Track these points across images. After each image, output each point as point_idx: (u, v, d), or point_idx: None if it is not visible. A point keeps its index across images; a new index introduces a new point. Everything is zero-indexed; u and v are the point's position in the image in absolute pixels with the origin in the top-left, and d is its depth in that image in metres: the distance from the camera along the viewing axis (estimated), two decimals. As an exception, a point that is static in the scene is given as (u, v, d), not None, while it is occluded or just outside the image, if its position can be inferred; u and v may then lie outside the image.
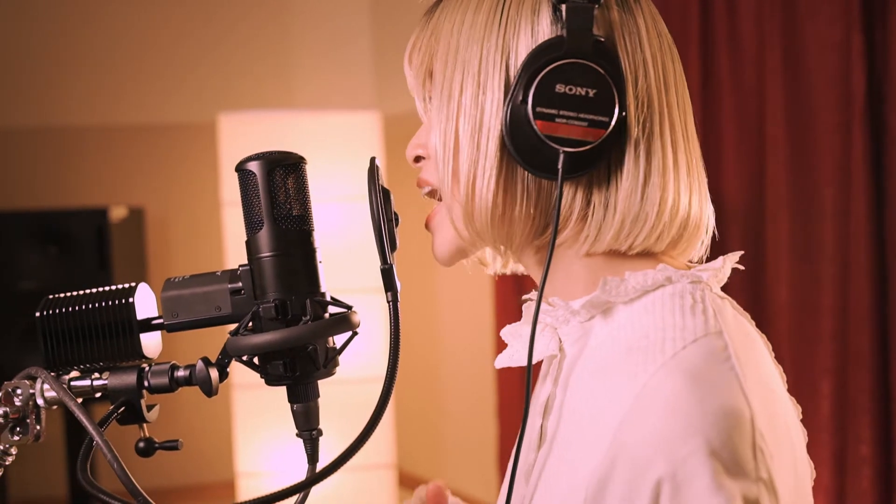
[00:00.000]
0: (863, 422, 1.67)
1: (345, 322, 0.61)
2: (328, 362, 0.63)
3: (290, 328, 0.59)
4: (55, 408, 0.67)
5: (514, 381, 2.71)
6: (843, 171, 1.70)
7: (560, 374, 0.63)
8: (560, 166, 0.56)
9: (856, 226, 1.67)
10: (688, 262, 0.64)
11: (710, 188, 0.65)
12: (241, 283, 0.62)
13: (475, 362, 2.99)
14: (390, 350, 0.60)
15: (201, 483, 3.03)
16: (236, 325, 0.62)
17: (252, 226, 0.62)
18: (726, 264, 0.62)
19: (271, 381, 0.62)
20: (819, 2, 1.72)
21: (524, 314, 0.68)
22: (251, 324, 0.61)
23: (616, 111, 0.56)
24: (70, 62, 3.11)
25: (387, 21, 3.31)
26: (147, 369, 0.64)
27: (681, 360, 0.53)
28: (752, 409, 0.52)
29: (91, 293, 0.65)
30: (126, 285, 0.65)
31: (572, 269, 0.62)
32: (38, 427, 0.67)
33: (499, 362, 0.67)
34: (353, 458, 0.60)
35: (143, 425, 0.66)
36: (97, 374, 0.66)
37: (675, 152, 0.59)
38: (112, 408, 0.63)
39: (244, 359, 0.62)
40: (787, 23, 1.78)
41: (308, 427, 0.64)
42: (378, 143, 2.61)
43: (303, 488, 0.57)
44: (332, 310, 0.63)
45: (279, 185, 0.62)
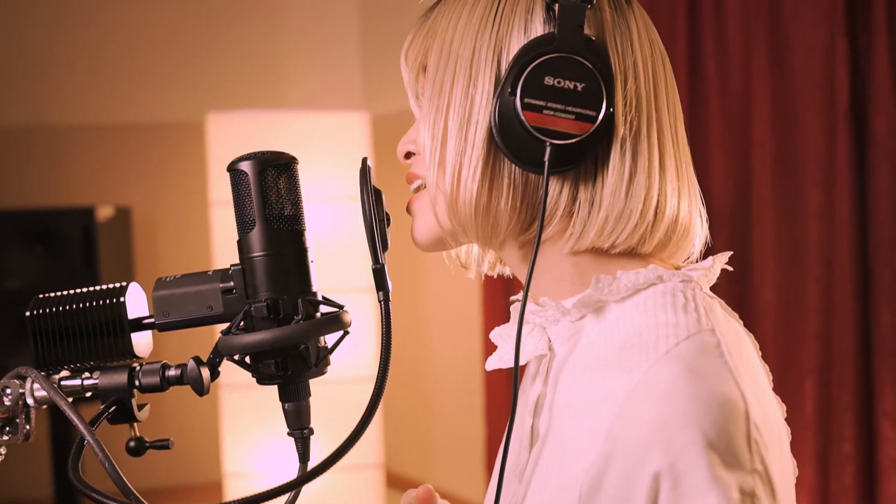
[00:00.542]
0: (846, 420, 1.69)
1: (336, 321, 0.62)
2: (320, 361, 0.63)
3: (281, 327, 0.60)
4: (45, 407, 0.67)
5: (502, 381, 2.72)
6: (828, 173, 1.72)
7: (550, 373, 0.63)
8: (546, 159, 0.56)
9: (840, 227, 1.69)
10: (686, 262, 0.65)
11: (696, 188, 0.65)
12: (232, 283, 0.62)
13: (463, 363, 3.00)
14: (382, 349, 0.60)
15: (188, 484, 3.01)
16: (227, 324, 0.63)
17: (244, 225, 0.63)
18: (716, 264, 0.62)
19: (263, 380, 0.63)
20: (804, 5, 1.74)
21: (512, 315, 0.69)
22: (243, 323, 0.62)
23: (604, 106, 0.57)
24: (58, 61, 3.09)
25: (376, 22, 3.31)
26: (138, 369, 0.64)
27: (675, 355, 0.54)
28: (747, 402, 0.53)
29: (82, 292, 0.65)
30: (117, 284, 0.65)
31: (560, 267, 0.62)
32: (28, 427, 0.67)
33: (489, 364, 0.67)
34: (345, 459, 0.61)
35: (134, 425, 0.66)
36: (87, 374, 0.66)
37: (662, 154, 0.60)
38: (103, 407, 0.63)
39: (236, 358, 0.62)
40: (773, 25, 1.80)
41: (299, 426, 0.64)
42: (367, 143, 2.61)
43: (294, 487, 0.58)
44: (324, 309, 0.63)
45: (271, 184, 0.62)
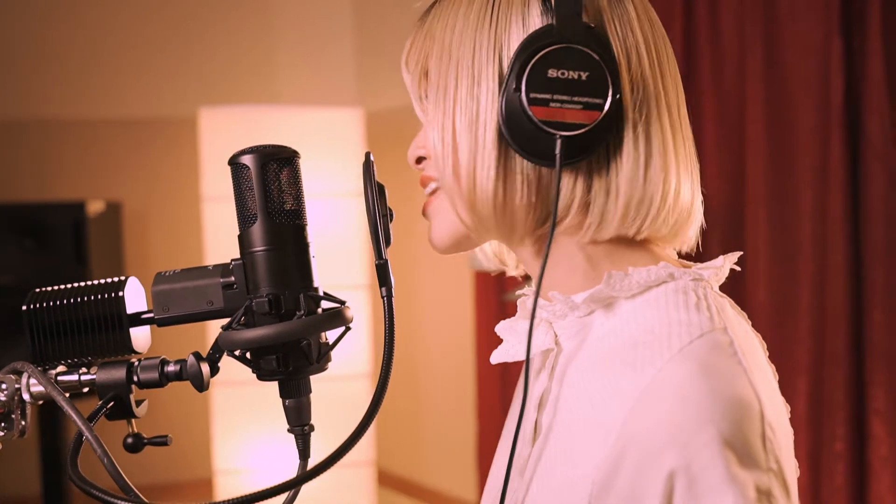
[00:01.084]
0: (838, 419, 1.70)
1: (339, 317, 0.61)
2: (321, 357, 0.63)
3: (283, 323, 0.59)
4: (41, 403, 0.66)
5: (494, 379, 2.72)
6: (821, 173, 1.73)
7: (556, 368, 0.62)
8: (557, 151, 0.56)
9: (833, 227, 1.70)
10: (684, 250, 0.64)
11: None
12: (233, 278, 0.62)
13: (455, 360, 3.00)
14: (385, 345, 0.60)
15: (179, 481, 3.00)
16: (227, 319, 0.62)
17: (245, 220, 0.62)
18: (726, 264, 0.62)
19: (264, 376, 0.62)
20: (800, 6, 1.74)
21: (519, 309, 0.68)
22: (243, 318, 0.61)
23: (610, 92, 0.56)
24: (49, 55, 3.06)
25: (370, 18, 3.29)
26: (136, 364, 0.63)
27: (689, 353, 0.53)
28: (761, 401, 0.53)
29: (80, 286, 0.64)
30: (115, 279, 0.64)
31: (573, 260, 0.62)
32: (24, 422, 0.66)
33: (494, 357, 0.67)
34: (343, 456, 0.60)
35: (132, 421, 0.65)
36: (84, 369, 0.65)
37: (673, 135, 0.59)
38: (101, 403, 0.62)
39: (237, 353, 0.61)
40: (769, 26, 1.80)
41: (300, 422, 0.64)
42: (360, 139, 2.60)
43: (297, 484, 0.57)
44: (325, 305, 0.63)
45: (273, 178, 0.61)
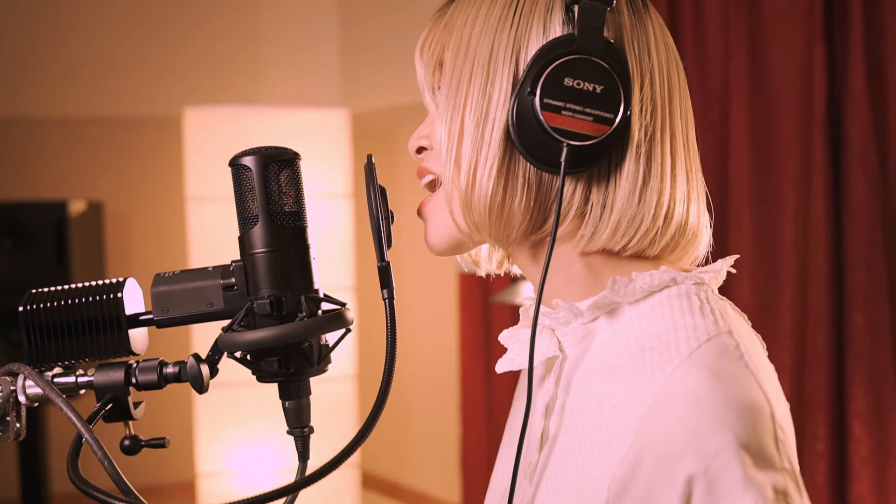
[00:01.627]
0: (819, 420, 1.72)
1: (340, 319, 0.61)
2: (321, 359, 0.63)
3: (285, 324, 0.59)
4: (36, 405, 0.65)
5: (478, 382, 2.73)
6: (804, 176, 1.75)
7: (561, 375, 0.63)
8: (563, 159, 0.57)
9: (815, 229, 1.72)
10: (689, 266, 0.65)
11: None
12: (234, 279, 0.62)
13: (439, 364, 3.00)
14: (387, 348, 0.60)
15: (162, 483, 2.97)
16: (227, 320, 0.62)
17: (246, 221, 0.62)
18: (724, 267, 0.63)
19: (264, 377, 0.62)
20: (783, 12, 1.77)
21: (522, 317, 0.68)
22: (244, 320, 0.61)
23: (621, 109, 0.57)
24: (32, 53, 3.02)
25: (355, 20, 3.29)
26: (134, 366, 0.63)
27: (698, 358, 0.54)
28: (771, 403, 0.54)
29: (78, 288, 0.63)
30: (114, 280, 0.64)
31: (572, 268, 0.62)
32: (18, 425, 0.65)
33: (500, 366, 0.67)
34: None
35: (129, 423, 0.65)
36: (81, 371, 0.64)
37: (674, 160, 0.60)
38: (100, 405, 0.62)
39: (237, 355, 0.61)
40: (753, 31, 1.83)
41: (300, 424, 0.64)
42: (346, 140, 2.60)
43: (300, 487, 0.57)
44: (325, 306, 0.63)
45: (274, 180, 0.61)
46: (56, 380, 0.64)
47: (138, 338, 0.65)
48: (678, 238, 0.61)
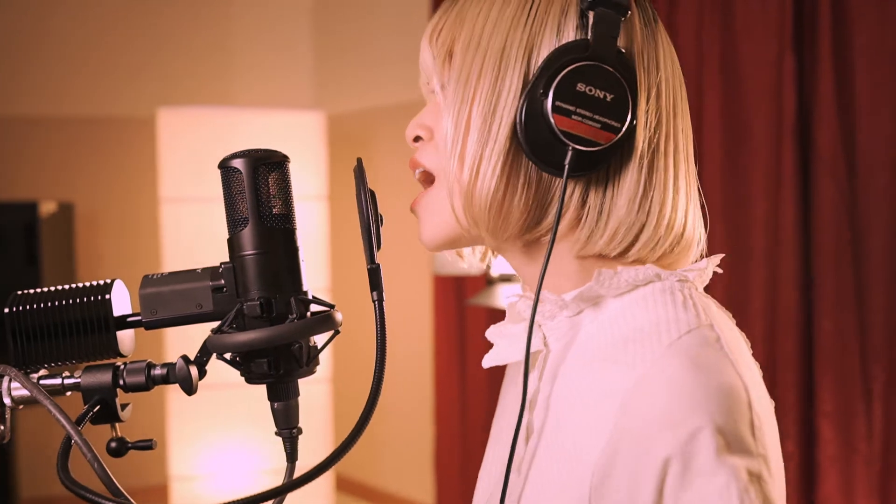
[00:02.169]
0: (788, 420, 1.76)
1: (329, 321, 0.62)
2: (310, 360, 0.63)
3: (276, 326, 0.59)
4: (21, 407, 0.65)
5: (453, 385, 2.74)
6: (774, 183, 1.79)
7: (545, 368, 0.64)
8: (567, 162, 0.58)
9: (785, 235, 1.76)
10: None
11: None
12: (223, 281, 0.62)
13: (413, 366, 3.00)
14: (377, 349, 0.60)
15: (134, 487, 2.92)
16: (216, 322, 0.62)
17: (235, 223, 0.62)
18: (709, 266, 0.64)
19: (253, 379, 0.62)
20: (755, 22, 1.81)
21: (508, 313, 0.69)
22: (233, 322, 0.61)
23: (628, 119, 0.58)
24: (3, 53, 2.97)
25: (328, 23, 3.28)
26: (122, 367, 0.63)
27: (678, 348, 0.55)
28: (748, 390, 0.55)
29: (64, 289, 0.63)
30: (102, 282, 0.64)
31: (563, 266, 0.63)
32: (2, 427, 0.65)
33: (486, 361, 0.68)
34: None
35: (116, 425, 0.65)
36: (68, 373, 0.64)
37: (676, 172, 0.62)
38: (87, 406, 0.62)
39: (227, 356, 0.61)
40: (725, 40, 1.86)
41: (288, 426, 0.64)
42: (321, 142, 2.59)
43: (292, 488, 0.57)
44: (314, 308, 0.63)
45: (264, 182, 0.62)
46: (42, 382, 0.63)
47: (125, 339, 0.64)
48: (673, 246, 0.62)
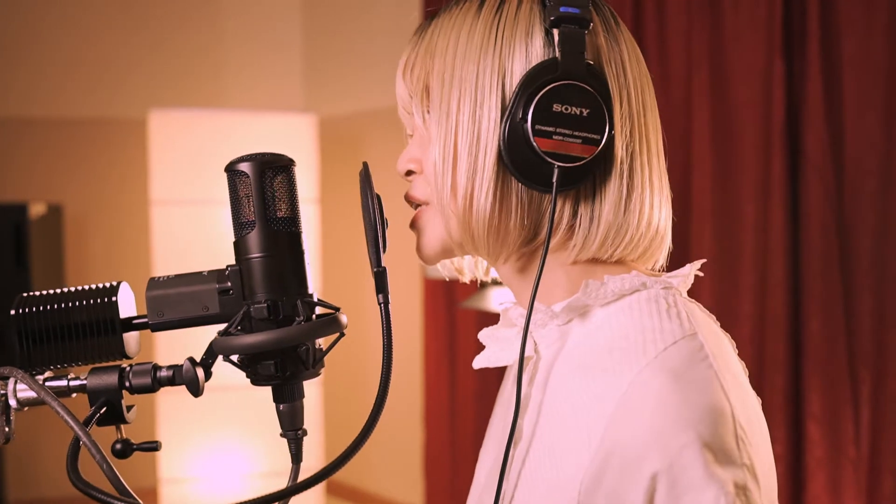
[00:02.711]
0: (777, 422, 1.78)
1: (335, 323, 0.62)
2: (316, 363, 0.64)
3: (283, 328, 0.60)
4: (26, 409, 0.65)
5: (442, 389, 2.74)
6: (763, 188, 1.81)
7: (536, 375, 0.65)
8: (555, 180, 0.59)
9: (774, 239, 1.78)
10: (656, 269, 0.68)
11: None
12: (229, 283, 0.62)
13: (403, 369, 3.00)
14: (384, 351, 0.61)
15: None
16: (222, 324, 0.62)
17: (241, 226, 0.62)
18: (692, 271, 0.66)
19: (259, 380, 0.62)
20: (744, 28, 1.83)
21: (502, 318, 0.71)
22: (240, 324, 0.61)
23: (606, 130, 0.60)
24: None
25: (320, 25, 3.29)
26: (128, 369, 0.63)
27: (663, 361, 0.57)
28: (732, 404, 0.56)
29: (71, 292, 0.63)
30: (108, 284, 0.64)
31: (553, 276, 0.65)
32: (8, 429, 0.65)
33: (477, 363, 0.69)
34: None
35: (121, 426, 0.65)
36: (73, 375, 0.64)
37: (650, 170, 0.64)
38: (94, 408, 0.62)
39: (233, 358, 0.62)
40: (714, 46, 1.88)
41: (293, 427, 0.65)
42: (313, 145, 2.59)
43: (301, 489, 0.58)
44: (318, 311, 0.64)
45: (270, 186, 0.62)
46: (47, 383, 0.64)
47: (131, 341, 0.65)
48: (652, 242, 0.64)
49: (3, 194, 2.84)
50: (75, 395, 0.64)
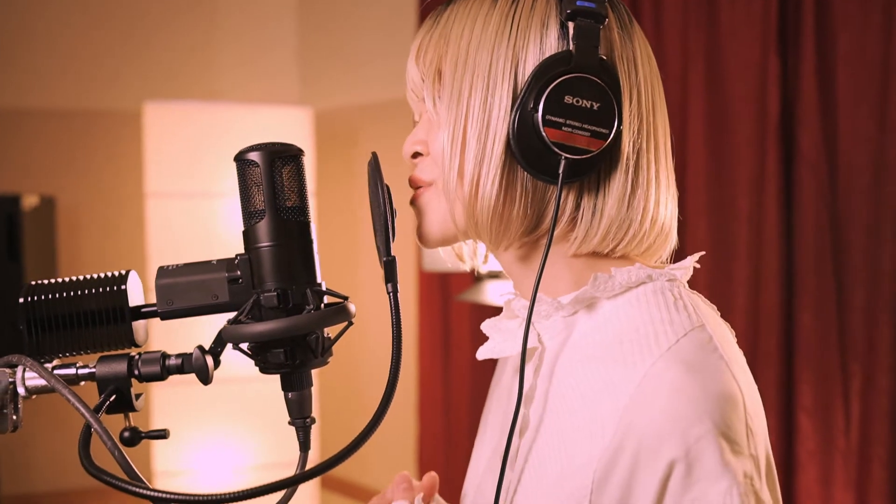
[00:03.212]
0: (768, 415, 1.80)
1: (344, 312, 0.63)
2: (325, 351, 0.64)
3: (293, 317, 0.60)
4: (34, 397, 0.65)
5: (436, 382, 2.75)
6: (758, 183, 1.83)
7: (541, 365, 0.66)
8: (560, 171, 0.60)
9: (768, 233, 1.80)
10: (657, 262, 0.69)
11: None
12: (238, 272, 0.63)
13: (397, 360, 3.00)
14: (394, 340, 0.61)
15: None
16: (231, 313, 0.63)
17: (251, 215, 0.63)
18: (692, 263, 0.67)
19: (269, 369, 0.63)
20: (740, 25, 1.84)
21: (505, 309, 0.71)
22: (250, 312, 0.62)
23: (615, 125, 0.61)
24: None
25: (316, 17, 3.28)
26: (136, 357, 0.64)
27: (676, 352, 0.58)
28: (743, 393, 0.58)
29: (80, 280, 0.64)
30: (117, 272, 0.64)
31: (556, 267, 0.66)
32: (15, 417, 0.65)
33: (480, 353, 0.70)
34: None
35: (129, 414, 0.65)
36: (81, 363, 0.65)
37: (657, 167, 0.65)
38: (104, 396, 0.62)
39: (242, 347, 0.62)
40: (710, 42, 1.90)
41: (301, 415, 0.65)
42: (309, 138, 2.59)
43: (311, 476, 0.58)
44: (327, 300, 0.64)
45: (279, 175, 0.63)
46: (56, 372, 0.64)
47: (139, 330, 0.65)
48: (657, 238, 0.65)
49: (-3, 186, 2.83)
50: (83, 383, 0.65)
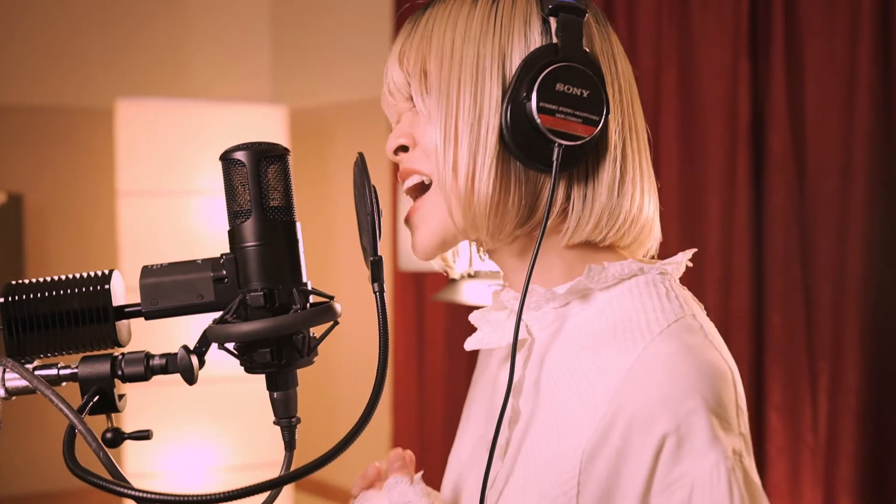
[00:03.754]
0: (739, 413, 1.83)
1: (330, 311, 0.63)
2: (310, 351, 0.64)
3: (279, 317, 0.60)
4: (13, 398, 0.65)
5: (411, 381, 2.75)
6: (728, 184, 1.86)
7: (530, 356, 0.67)
8: (555, 158, 0.61)
9: (738, 234, 1.83)
10: (647, 257, 0.71)
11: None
12: (224, 272, 0.62)
13: (371, 360, 3.00)
14: (380, 339, 0.62)
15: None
16: (215, 313, 0.63)
17: (236, 215, 0.63)
18: (683, 259, 0.69)
19: (255, 368, 0.63)
20: (712, 28, 1.87)
21: (493, 300, 0.72)
22: (236, 312, 0.62)
23: (605, 111, 0.62)
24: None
25: (290, 16, 3.26)
26: (120, 358, 0.63)
27: (668, 335, 0.59)
28: (734, 373, 0.60)
29: (62, 279, 0.63)
30: (100, 272, 0.64)
31: (548, 259, 0.67)
32: (-4, 418, 0.64)
33: (468, 344, 0.71)
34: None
35: (112, 415, 0.65)
36: (63, 363, 0.64)
37: (640, 158, 0.66)
38: (87, 396, 0.62)
39: (229, 346, 0.62)
40: (683, 46, 1.92)
41: (287, 415, 0.65)
42: (284, 136, 2.58)
43: (299, 476, 0.58)
44: (313, 299, 0.65)
45: (265, 175, 0.63)
46: (38, 372, 0.63)
47: (122, 330, 0.65)
48: (642, 229, 0.67)
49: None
50: (65, 384, 0.64)
